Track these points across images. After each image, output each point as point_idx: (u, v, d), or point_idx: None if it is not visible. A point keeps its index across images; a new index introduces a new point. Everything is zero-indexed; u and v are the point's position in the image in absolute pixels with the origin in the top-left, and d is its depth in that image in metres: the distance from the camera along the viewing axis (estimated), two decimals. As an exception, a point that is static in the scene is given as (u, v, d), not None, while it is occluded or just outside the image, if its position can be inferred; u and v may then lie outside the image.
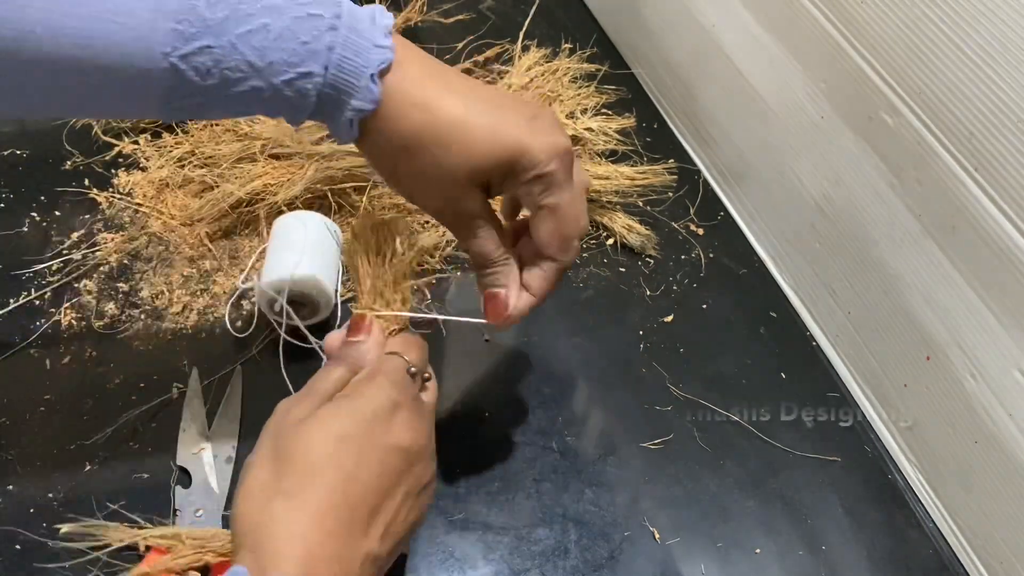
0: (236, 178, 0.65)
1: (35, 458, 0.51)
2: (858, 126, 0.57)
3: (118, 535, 0.47)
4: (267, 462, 0.38)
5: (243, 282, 0.57)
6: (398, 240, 0.51)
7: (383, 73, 0.39)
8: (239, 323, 0.59)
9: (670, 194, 0.73)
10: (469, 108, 0.40)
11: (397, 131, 0.40)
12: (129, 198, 0.66)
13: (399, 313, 0.50)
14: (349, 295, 0.61)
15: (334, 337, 0.45)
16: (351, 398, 0.41)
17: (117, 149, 0.70)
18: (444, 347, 0.60)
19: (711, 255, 0.70)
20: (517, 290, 0.46)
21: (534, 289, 0.46)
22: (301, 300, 0.56)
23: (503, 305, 0.45)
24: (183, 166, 0.67)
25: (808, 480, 0.56)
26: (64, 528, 0.47)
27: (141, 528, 0.47)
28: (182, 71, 0.36)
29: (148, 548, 0.46)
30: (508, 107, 0.42)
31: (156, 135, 0.71)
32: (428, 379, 0.47)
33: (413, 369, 0.44)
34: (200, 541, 0.46)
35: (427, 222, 0.67)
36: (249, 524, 0.36)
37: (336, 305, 0.58)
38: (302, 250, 0.56)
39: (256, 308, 0.58)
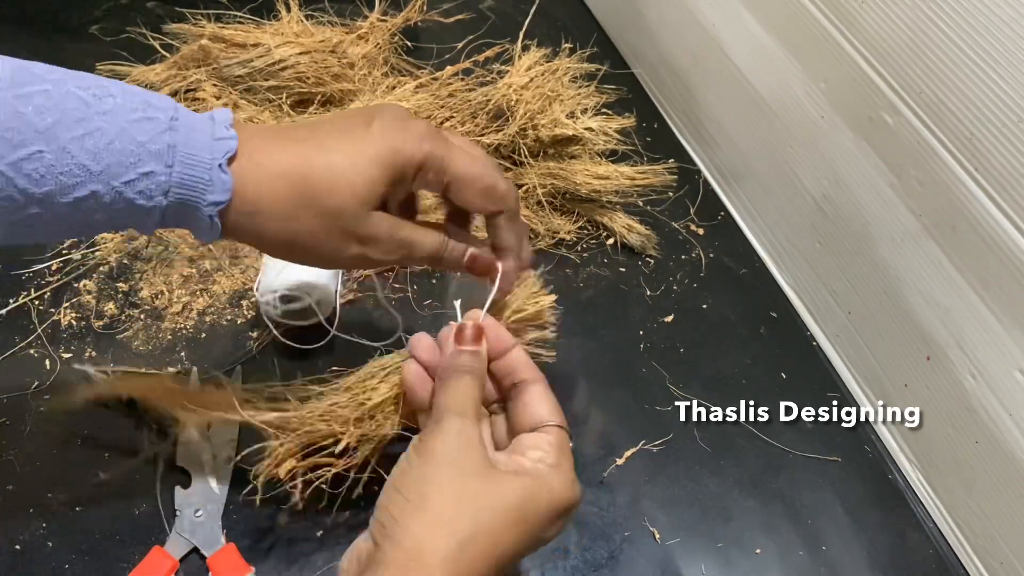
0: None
1: (35, 458, 0.51)
2: (858, 126, 0.57)
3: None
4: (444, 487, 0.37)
5: (256, 290, 0.57)
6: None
7: (231, 161, 0.38)
8: (239, 323, 0.59)
9: (670, 194, 0.73)
10: (325, 149, 0.39)
11: (267, 209, 0.39)
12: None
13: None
14: (349, 296, 0.61)
15: (425, 344, 0.44)
16: (541, 492, 0.39)
17: (117, 149, 0.69)
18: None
19: (711, 255, 0.70)
20: (487, 250, 0.46)
21: (504, 243, 0.45)
22: (302, 301, 0.56)
23: (486, 261, 0.45)
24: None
25: (808, 480, 0.56)
26: None
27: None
28: (12, 179, 0.34)
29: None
30: (354, 126, 0.41)
31: (156, 135, 0.70)
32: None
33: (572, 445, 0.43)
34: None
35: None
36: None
37: (336, 307, 0.58)
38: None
39: (256, 308, 0.58)
